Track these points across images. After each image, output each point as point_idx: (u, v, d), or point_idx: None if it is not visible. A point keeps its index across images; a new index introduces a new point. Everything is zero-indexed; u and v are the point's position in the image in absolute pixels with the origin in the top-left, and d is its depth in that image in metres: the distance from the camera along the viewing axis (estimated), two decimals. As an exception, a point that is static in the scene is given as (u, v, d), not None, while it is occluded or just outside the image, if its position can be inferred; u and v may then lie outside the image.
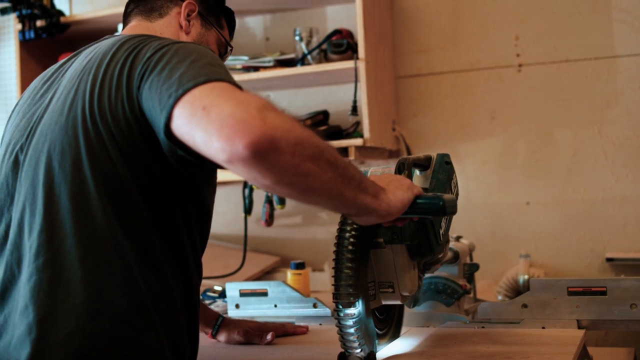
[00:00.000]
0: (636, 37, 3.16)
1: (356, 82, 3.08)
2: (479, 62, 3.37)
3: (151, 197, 1.56)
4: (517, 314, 2.11)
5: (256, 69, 3.31)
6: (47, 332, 1.46)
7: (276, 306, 2.38)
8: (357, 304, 1.70)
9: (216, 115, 1.33)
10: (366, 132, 3.07)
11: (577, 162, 3.23)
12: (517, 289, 3.08)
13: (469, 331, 2.12)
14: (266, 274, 3.44)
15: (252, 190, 3.43)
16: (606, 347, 2.92)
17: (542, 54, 3.29)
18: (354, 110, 3.15)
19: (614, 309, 2.02)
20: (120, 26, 3.45)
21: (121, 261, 1.50)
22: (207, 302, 2.71)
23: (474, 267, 2.51)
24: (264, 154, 1.30)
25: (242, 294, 2.42)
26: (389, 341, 1.97)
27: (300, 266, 2.82)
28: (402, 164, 1.80)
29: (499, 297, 3.08)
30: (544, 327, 2.08)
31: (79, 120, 1.56)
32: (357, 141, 3.05)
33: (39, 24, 3.66)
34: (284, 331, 2.23)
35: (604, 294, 2.03)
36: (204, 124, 1.35)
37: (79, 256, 1.49)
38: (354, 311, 1.70)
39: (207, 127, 1.34)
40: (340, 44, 3.20)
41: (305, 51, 3.29)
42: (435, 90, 3.43)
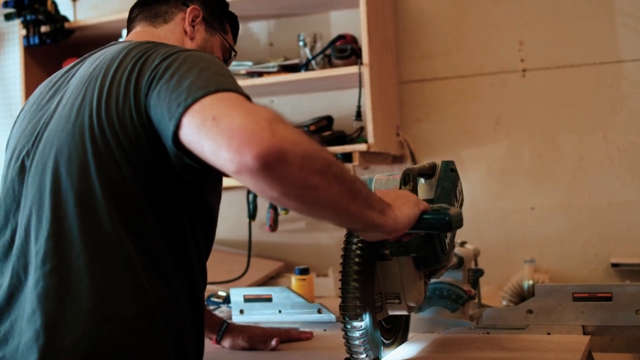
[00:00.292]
0: (641, 41, 3.16)
1: (360, 87, 3.08)
2: (483, 67, 3.37)
3: (157, 203, 1.56)
4: (522, 320, 2.11)
5: (260, 74, 3.31)
6: (55, 339, 1.46)
7: (280, 312, 2.38)
8: (364, 316, 1.71)
9: (226, 125, 1.33)
10: (370, 138, 3.07)
11: (582, 167, 3.22)
12: (521, 295, 3.07)
13: (474, 337, 2.12)
14: (270, 280, 3.44)
15: (256, 195, 3.43)
16: (611, 353, 2.91)
17: (547, 59, 3.28)
18: (358, 115, 3.15)
19: (619, 314, 2.02)
20: (124, 32, 3.48)
21: (128, 267, 1.50)
22: (211, 307, 2.71)
23: (479, 272, 2.50)
24: (272, 166, 1.30)
25: (247, 300, 2.42)
26: (395, 347, 1.97)
27: (304, 272, 2.82)
28: (407, 174, 1.81)
29: (504, 303, 3.08)
30: (549, 333, 2.08)
31: (86, 126, 1.56)
32: (361, 146, 3.05)
33: (44, 29, 3.66)
34: (289, 337, 2.23)
35: (609, 299, 2.03)
36: (213, 134, 1.35)
37: (86, 262, 1.49)
38: (361, 324, 1.71)
39: (217, 137, 1.34)
40: (344, 50, 3.20)
41: (309, 56, 3.29)
42: (439, 95, 3.43)
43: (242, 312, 2.43)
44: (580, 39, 3.24)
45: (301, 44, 3.33)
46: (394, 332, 1.96)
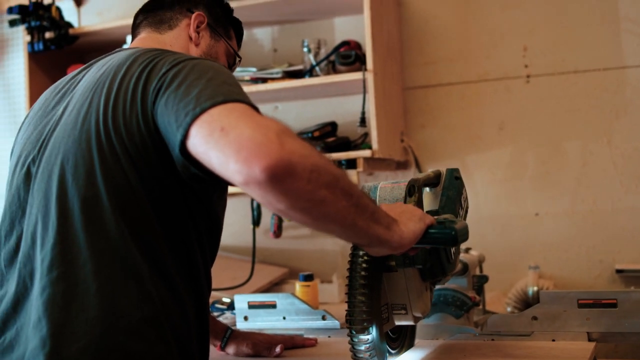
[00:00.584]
0: (645, 47, 3.16)
1: (364, 93, 3.08)
2: (488, 73, 3.37)
3: (163, 211, 1.56)
4: (527, 327, 2.11)
5: (264, 80, 3.31)
6: (61, 346, 1.46)
7: (285, 318, 2.38)
8: (370, 329, 1.71)
9: (235, 137, 1.34)
10: (374, 144, 3.06)
11: (586, 173, 3.22)
12: (526, 301, 3.07)
13: (479, 343, 2.12)
14: (274, 286, 3.44)
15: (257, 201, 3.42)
16: (616, 359, 2.91)
17: (551, 65, 3.28)
18: (363, 121, 3.15)
19: (624, 321, 2.02)
20: (129, 38, 3.47)
21: (135, 274, 1.51)
22: (215, 314, 2.71)
23: (483, 279, 2.50)
24: (280, 178, 1.30)
25: (251, 306, 2.42)
26: (401, 354, 1.98)
27: (308, 278, 2.81)
28: (412, 185, 1.81)
29: (508, 309, 3.08)
30: (554, 340, 2.08)
31: (92, 133, 1.56)
32: (366, 152, 3.05)
33: (48, 35, 3.67)
34: (293, 343, 2.23)
35: (614, 306, 2.03)
36: (221, 145, 1.35)
37: (93, 270, 1.49)
38: (368, 337, 1.71)
39: (225, 149, 1.34)
40: (348, 56, 3.20)
41: (313, 62, 3.29)
42: (443, 101, 3.43)
43: (246, 318, 2.43)
44: (584, 45, 3.24)
45: (305, 50, 3.32)
46: (400, 341, 1.96)
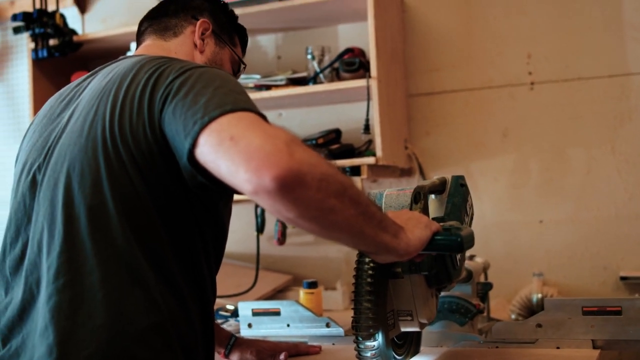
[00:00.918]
0: (649, 54, 3.16)
1: (368, 100, 3.08)
2: (492, 80, 3.37)
3: (170, 219, 1.56)
4: (532, 334, 2.11)
5: (268, 87, 3.32)
6: (68, 354, 1.46)
7: (289, 325, 2.37)
8: (376, 336, 1.72)
9: (244, 146, 1.34)
10: (378, 151, 3.06)
11: (590, 180, 3.21)
12: (530, 308, 3.06)
13: (483, 351, 2.11)
14: (278, 293, 3.43)
15: (264, 209, 3.42)
16: (621, 366, 2.91)
17: (555, 71, 3.28)
18: (367, 128, 3.15)
19: (629, 328, 2.01)
20: (133, 45, 3.49)
21: (141, 282, 1.51)
22: (219, 321, 2.71)
23: (488, 286, 2.49)
24: (290, 187, 1.31)
25: (255, 314, 2.42)
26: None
27: (312, 285, 2.81)
28: (418, 193, 1.82)
29: (512, 316, 3.07)
30: (558, 347, 2.07)
31: (99, 141, 1.57)
32: (370, 159, 3.05)
33: (52, 42, 3.67)
34: (297, 351, 2.23)
35: (619, 313, 2.02)
36: (231, 154, 1.35)
37: (99, 277, 1.50)
38: (374, 343, 1.72)
39: (234, 158, 1.34)
40: (352, 63, 3.20)
41: (317, 70, 3.29)
42: (447, 108, 3.43)
43: (250, 325, 2.42)
44: (588, 52, 3.23)
45: (309, 57, 3.33)
46: (406, 347, 1.96)
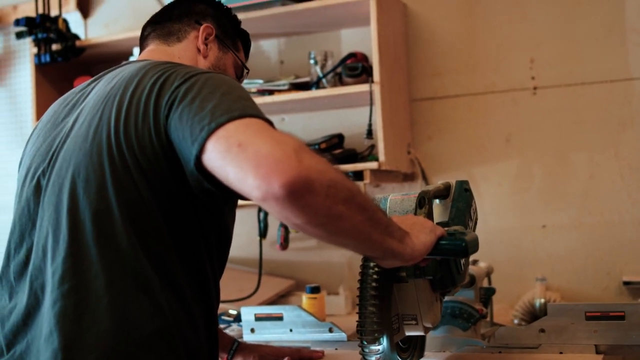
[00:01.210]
0: (652, 59, 3.16)
1: (371, 105, 3.08)
2: (495, 85, 3.36)
3: (175, 224, 1.57)
4: (535, 339, 2.11)
5: (271, 92, 3.32)
6: (73, 359, 1.47)
7: (292, 330, 2.37)
8: (381, 340, 1.73)
9: (253, 153, 1.34)
10: (381, 156, 3.06)
11: (593, 185, 3.21)
12: (533, 313, 3.06)
13: (486, 356, 2.11)
14: (281, 298, 3.43)
15: (267, 213, 3.42)
16: (624, 372, 2.90)
17: (558, 76, 3.28)
18: (369, 133, 3.15)
19: (632, 333, 2.01)
20: (136, 50, 3.49)
21: (146, 287, 1.51)
22: (222, 326, 2.71)
23: (491, 291, 2.49)
24: (299, 194, 1.31)
25: (258, 318, 2.42)
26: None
27: (315, 290, 2.81)
28: (422, 197, 1.82)
29: (515, 321, 3.07)
30: (561, 353, 2.07)
31: (104, 146, 1.57)
32: (372, 164, 3.05)
33: (55, 47, 3.67)
34: (300, 356, 2.23)
35: (622, 318, 2.02)
36: (239, 161, 1.35)
37: (104, 282, 1.50)
38: (379, 347, 1.73)
39: (243, 164, 1.35)
40: (355, 68, 3.20)
41: (320, 74, 3.29)
42: (450, 113, 3.43)
43: (253, 330, 2.43)
44: (591, 57, 3.23)
45: (312, 62, 3.33)
46: (410, 351, 1.96)
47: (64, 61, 3.70)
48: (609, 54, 3.21)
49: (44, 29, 3.66)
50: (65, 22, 3.73)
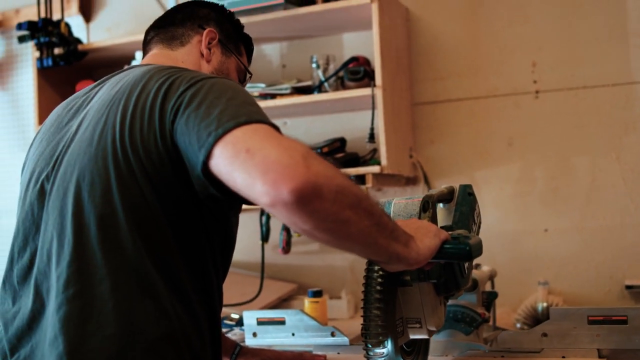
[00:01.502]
0: (654, 63, 3.16)
1: (373, 109, 3.08)
2: (496, 89, 3.36)
3: (179, 228, 1.57)
4: (537, 343, 2.10)
5: (273, 96, 3.32)
6: None
7: (294, 335, 2.37)
8: (386, 343, 1.73)
9: (261, 159, 1.35)
10: (383, 159, 3.06)
11: (596, 188, 3.21)
12: (535, 317, 3.06)
13: (489, 360, 2.11)
14: (283, 302, 3.43)
15: (269, 217, 3.42)
16: (626, 376, 2.90)
17: (560, 80, 3.28)
18: (371, 137, 3.15)
19: (634, 338, 2.01)
20: (138, 54, 3.49)
21: (151, 291, 1.51)
22: (224, 330, 2.71)
23: (493, 295, 2.49)
24: (307, 200, 1.32)
25: (260, 323, 2.42)
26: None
27: (317, 294, 2.81)
28: (426, 201, 1.83)
29: (517, 325, 3.06)
30: (564, 357, 2.07)
31: (109, 150, 1.57)
32: (374, 168, 3.05)
33: (57, 51, 3.67)
34: (302, 360, 2.23)
35: (624, 322, 2.02)
36: (247, 167, 1.36)
37: (109, 287, 1.50)
38: (383, 350, 1.74)
39: (251, 170, 1.35)
40: (357, 72, 3.20)
41: (322, 78, 3.29)
42: (452, 117, 3.43)
43: (255, 335, 2.42)
44: (593, 60, 3.23)
45: (314, 65, 3.33)
46: (415, 354, 1.97)
47: (66, 65, 3.70)
48: (611, 57, 3.21)
49: (46, 33, 3.65)
50: (67, 26, 3.73)
